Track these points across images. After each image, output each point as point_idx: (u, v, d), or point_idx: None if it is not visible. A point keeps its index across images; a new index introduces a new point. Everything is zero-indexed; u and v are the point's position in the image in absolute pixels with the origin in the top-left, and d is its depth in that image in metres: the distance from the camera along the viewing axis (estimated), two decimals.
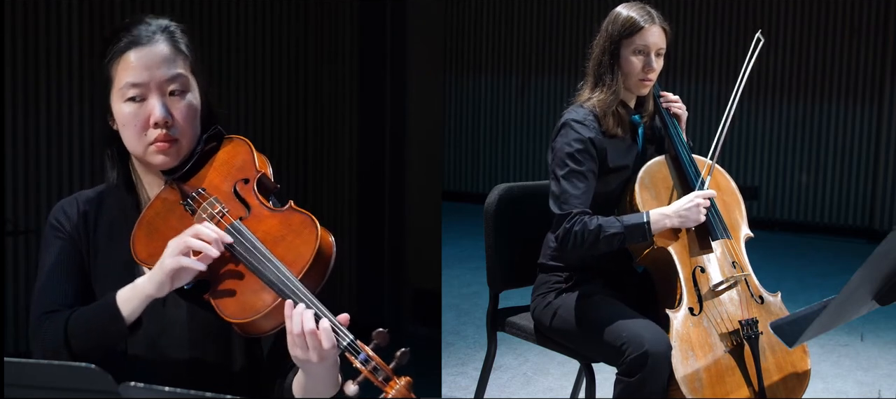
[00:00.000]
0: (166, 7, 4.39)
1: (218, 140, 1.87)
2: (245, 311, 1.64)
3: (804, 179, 7.51)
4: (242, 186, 1.78)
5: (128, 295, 1.71)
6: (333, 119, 5.02)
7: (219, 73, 4.69)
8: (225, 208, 1.74)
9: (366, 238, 5.02)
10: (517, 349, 4.23)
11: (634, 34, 2.61)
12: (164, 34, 1.81)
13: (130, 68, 1.77)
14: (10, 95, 3.92)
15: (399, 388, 1.52)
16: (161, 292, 1.69)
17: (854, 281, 1.87)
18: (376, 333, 1.55)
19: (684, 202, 2.55)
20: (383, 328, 1.56)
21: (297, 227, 1.69)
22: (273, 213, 1.74)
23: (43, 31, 4.02)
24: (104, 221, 1.86)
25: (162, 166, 1.81)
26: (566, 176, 2.57)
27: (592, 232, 2.52)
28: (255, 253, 1.66)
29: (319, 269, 1.67)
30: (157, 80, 1.77)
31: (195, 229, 1.69)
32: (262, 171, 1.79)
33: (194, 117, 1.82)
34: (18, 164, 4.00)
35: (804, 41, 7.37)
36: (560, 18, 8.10)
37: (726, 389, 2.47)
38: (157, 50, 1.78)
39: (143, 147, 1.79)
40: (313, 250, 1.65)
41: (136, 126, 1.78)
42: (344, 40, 4.99)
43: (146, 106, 1.77)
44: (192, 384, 1.68)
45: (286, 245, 1.68)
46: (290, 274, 1.62)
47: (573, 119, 2.63)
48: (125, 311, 1.70)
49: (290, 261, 1.65)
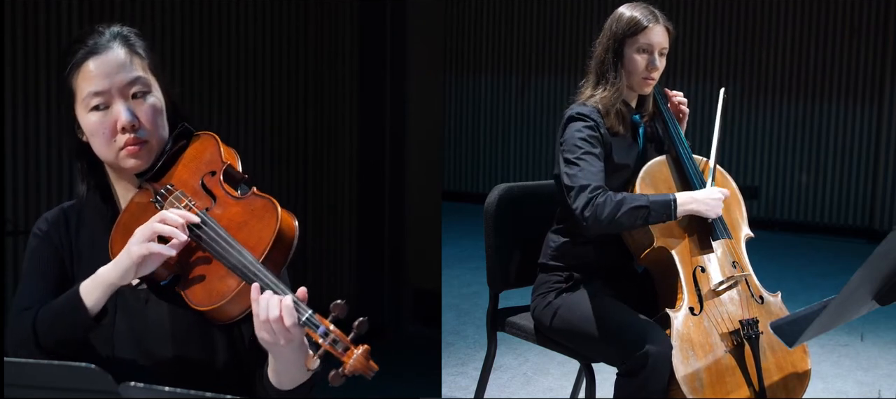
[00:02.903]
0: (166, 7, 4.39)
1: (187, 137, 1.90)
2: (211, 297, 1.68)
3: (804, 179, 7.51)
4: (209, 178, 1.82)
5: (90, 285, 1.74)
6: (333, 119, 5.02)
7: (219, 73, 4.69)
8: (192, 201, 1.78)
9: (366, 238, 5.02)
10: (517, 349, 4.23)
11: (638, 33, 2.62)
12: (118, 40, 1.83)
13: (91, 77, 1.80)
14: (10, 95, 3.92)
15: (357, 357, 1.55)
16: (125, 280, 1.72)
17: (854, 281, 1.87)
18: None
19: (711, 192, 2.55)
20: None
21: (258, 212, 1.74)
22: (237, 201, 1.78)
23: (43, 31, 4.02)
24: (86, 230, 1.89)
25: (135, 169, 1.83)
26: (580, 157, 2.54)
27: (616, 203, 2.47)
28: (219, 240, 1.70)
29: (281, 249, 1.71)
30: (118, 86, 1.80)
31: (161, 214, 1.72)
32: (228, 162, 1.83)
33: (159, 117, 1.84)
34: (18, 164, 4.00)
35: (804, 41, 7.37)
36: (560, 18, 8.10)
37: (726, 389, 2.47)
38: (113, 56, 1.81)
39: (113, 153, 1.82)
40: (273, 232, 1.69)
41: (104, 133, 1.80)
42: (344, 40, 4.99)
43: (111, 112, 1.80)
44: (177, 380, 1.72)
45: (248, 230, 1.72)
46: (252, 257, 1.66)
47: (579, 113, 2.63)
48: (88, 301, 1.73)
49: (252, 244, 1.69)
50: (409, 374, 4.42)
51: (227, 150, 1.86)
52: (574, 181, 2.52)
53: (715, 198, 2.56)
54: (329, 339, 1.57)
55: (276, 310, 1.60)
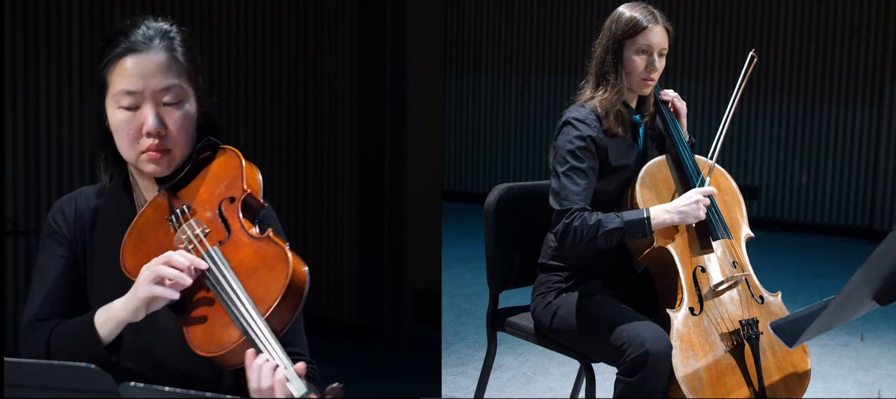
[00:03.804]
0: (166, 7, 4.39)
1: (212, 150, 1.85)
2: (211, 345, 1.65)
3: (804, 179, 7.51)
4: (227, 206, 1.77)
5: (104, 317, 1.72)
6: (333, 119, 5.02)
7: (219, 73, 4.69)
8: (206, 230, 1.74)
9: (366, 238, 5.02)
10: (517, 349, 4.23)
11: (638, 34, 2.61)
12: (162, 41, 1.79)
13: (126, 75, 1.75)
14: (10, 95, 3.92)
15: None
16: (136, 318, 1.70)
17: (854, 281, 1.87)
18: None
19: (684, 199, 2.55)
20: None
21: (270, 261, 1.68)
22: (251, 242, 1.73)
23: (43, 31, 4.02)
24: (101, 222, 1.86)
25: (154, 175, 1.80)
26: (567, 172, 2.57)
27: (592, 227, 2.52)
28: (226, 286, 1.66)
29: (289, 305, 1.66)
30: (151, 90, 1.76)
31: (168, 256, 1.68)
32: (248, 191, 1.78)
33: (189, 128, 1.80)
34: (18, 164, 4.00)
35: (804, 41, 7.37)
36: (560, 18, 8.10)
37: (726, 389, 2.47)
38: (153, 58, 1.76)
39: (135, 155, 1.79)
40: (282, 288, 1.64)
41: (129, 134, 1.77)
42: (344, 40, 4.99)
43: (139, 114, 1.76)
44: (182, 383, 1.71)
45: (257, 279, 1.67)
46: (257, 314, 1.62)
47: (574, 117, 2.63)
48: (102, 332, 1.72)
49: (259, 297, 1.64)
50: (409, 374, 4.43)
51: (250, 173, 1.81)
52: (556, 200, 2.58)
53: (688, 204, 2.53)
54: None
55: (268, 380, 1.56)
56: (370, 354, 4.76)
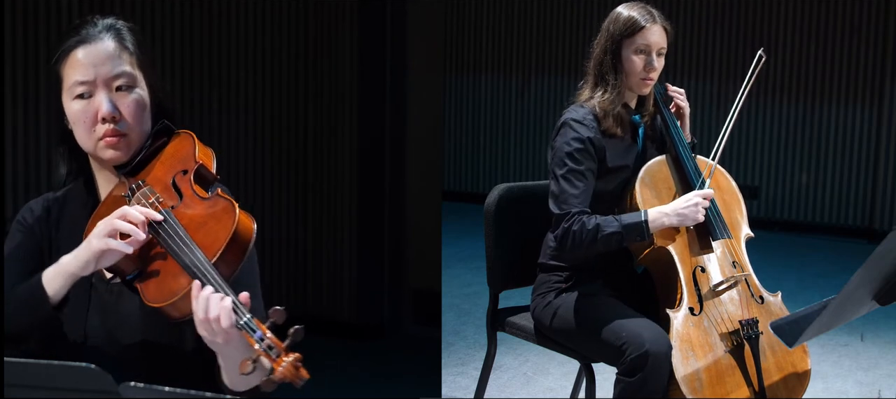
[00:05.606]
0: (166, 7, 4.39)
1: (167, 135, 1.92)
2: (163, 295, 1.70)
3: (804, 179, 7.51)
4: (180, 177, 1.84)
5: (52, 273, 1.77)
6: (333, 119, 5.02)
7: (219, 74, 4.69)
8: (159, 197, 1.81)
9: (366, 238, 5.02)
10: (517, 349, 4.23)
11: (636, 34, 2.61)
12: (110, 32, 1.87)
13: (78, 66, 1.84)
14: (10, 95, 3.92)
15: (286, 365, 1.54)
16: (85, 271, 1.74)
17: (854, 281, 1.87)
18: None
19: (683, 201, 2.55)
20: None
21: (218, 214, 1.76)
22: (202, 202, 1.80)
23: (43, 30, 4.02)
24: (67, 219, 1.93)
25: (113, 161, 1.86)
26: (565, 175, 2.57)
27: (590, 231, 2.52)
28: (176, 238, 1.72)
29: (235, 251, 1.72)
30: (102, 76, 1.83)
31: (123, 210, 1.74)
32: (201, 162, 1.85)
33: (142, 112, 1.87)
34: (18, 164, 4.00)
35: (804, 41, 7.37)
36: (560, 18, 8.10)
37: (726, 389, 2.47)
38: (102, 47, 1.85)
39: (93, 143, 1.85)
40: (229, 235, 1.71)
41: (85, 122, 1.84)
42: (344, 40, 4.99)
43: (93, 102, 1.84)
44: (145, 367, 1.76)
45: (206, 230, 1.74)
46: (204, 257, 1.68)
47: (572, 118, 2.63)
48: (50, 289, 1.76)
49: (207, 245, 1.71)
50: (409, 374, 4.43)
51: (203, 150, 1.88)
52: (555, 204, 2.58)
53: (686, 206, 2.53)
54: (264, 344, 1.57)
55: (215, 310, 1.61)
56: (370, 354, 4.76)
